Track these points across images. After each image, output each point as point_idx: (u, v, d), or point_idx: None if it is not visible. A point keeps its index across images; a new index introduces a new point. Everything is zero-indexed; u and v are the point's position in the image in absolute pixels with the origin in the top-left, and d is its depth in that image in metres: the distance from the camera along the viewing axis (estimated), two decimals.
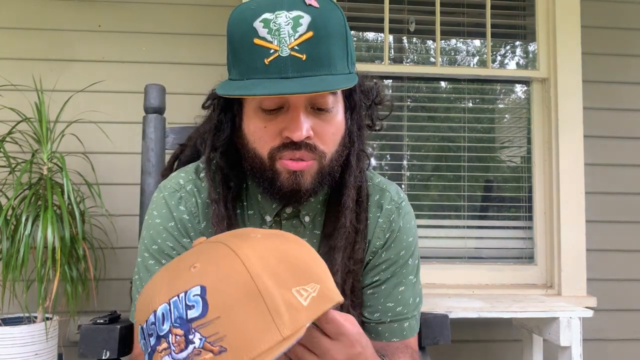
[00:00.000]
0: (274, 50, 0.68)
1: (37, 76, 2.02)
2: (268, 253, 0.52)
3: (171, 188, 0.85)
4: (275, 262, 0.52)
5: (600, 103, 2.20)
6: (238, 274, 0.49)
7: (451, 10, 2.30)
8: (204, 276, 0.49)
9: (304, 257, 0.55)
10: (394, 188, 0.91)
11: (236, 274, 0.49)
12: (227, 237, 0.56)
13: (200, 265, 0.51)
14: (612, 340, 2.16)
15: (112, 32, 2.09)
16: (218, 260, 0.51)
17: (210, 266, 0.50)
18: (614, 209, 2.18)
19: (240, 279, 0.49)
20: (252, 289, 0.48)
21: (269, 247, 0.53)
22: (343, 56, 0.72)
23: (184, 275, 0.51)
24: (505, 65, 2.38)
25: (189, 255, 0.55)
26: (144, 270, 0.82)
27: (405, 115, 2.26)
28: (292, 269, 0.52)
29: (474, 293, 2.06)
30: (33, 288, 1.81)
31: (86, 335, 0.92)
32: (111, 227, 2.01)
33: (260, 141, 0.75)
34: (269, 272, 0.50)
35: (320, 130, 0.74)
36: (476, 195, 2.26)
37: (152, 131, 1.23)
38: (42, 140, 1.83)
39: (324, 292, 0.53)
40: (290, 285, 0.51)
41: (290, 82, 0.67)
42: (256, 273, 0.49)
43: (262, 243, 0.54)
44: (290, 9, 0.69)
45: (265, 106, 0.73)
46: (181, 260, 0.55)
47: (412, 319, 0.88)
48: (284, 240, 0.56)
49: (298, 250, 0.56)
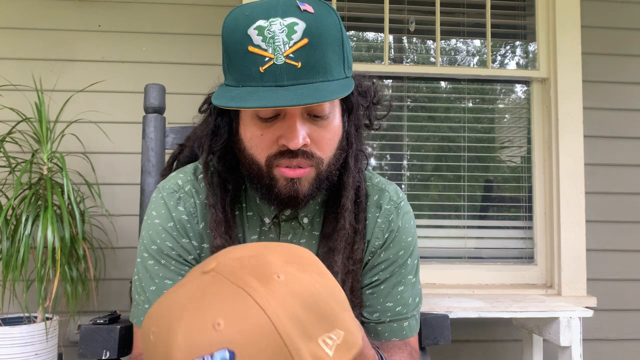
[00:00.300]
0: (268, 58, 0.68)
1: (37, 76, 2.02)
2: (292, 300, 0.49)
3: (170, 188, 0.85)
4: (301, 309, 0.49)
5: (600, 103, 2.20)
6: (267, 335, 0.47)
7: (451, 10, 2.30)
8: (231, 339, 0.46)
9: (327, 294, 0.52)
10: (393, 188, 0.91)
11: (266, 336, 0.47)
12: (247, 280, 0.50)
13: (224, 323, 0.47)
14: (612, 340, 2.16)
15: (112, 32, 2.10)
16: (244, 317, 0.47)
17: (235, 325, 0.47)
18: (614, 209, 2.18)
19: (270, 341, 0.47)
20: (282, 350, 0.47)
21: (293, 291, 0.50)
22: (339, 61, 0.72)
23: (207, 332, 0.47)
24: (505, 65, 2.38)
25: (209, 297, 0.50)
26: (144, 270, 0.82)
27: (405, 115, 2.26)
28: (317, 315, 0.50)
29: (474, 293, 2.06)
30: (33, 288, 1.81)
31: (86, 335, 0.92)
32: (111, 227, 2.01)
33: (257, 148, 0.75)
34: (296, 324, 0.48)
35: (317, 136, 0.74)
36: (476, 195, 2.26)
37: (152, 131, 1.23)
38: (42, 140, 1.83)
39: (348, 340, 0.51)
40: (316, 334, 0.49)
41: (285, 91, 0.67)
42: (285, 331, 0.47)
43: (285, 287, 0.50)
44: (285, 15, 0.69)
45: (262, 114, 0.72)
46: (199, 304, 0.49)
47: (412, 318, 0.88)
48: (305, 275, 0.52)
49: (320, 285, 0.52)
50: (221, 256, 0.54)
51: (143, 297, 0.82)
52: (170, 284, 0.81)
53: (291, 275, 0.51)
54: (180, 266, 0.82)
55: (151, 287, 0.81)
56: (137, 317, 0.82)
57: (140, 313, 0.82)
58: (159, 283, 0.81)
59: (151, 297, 0.81)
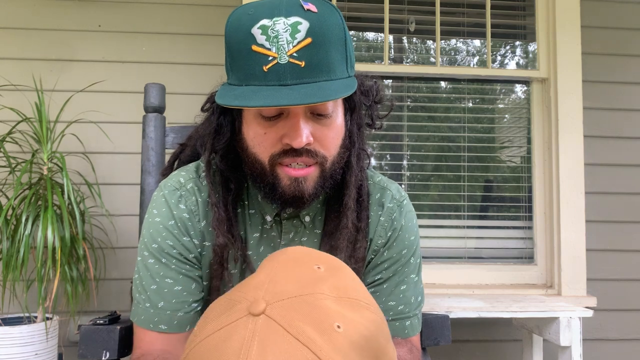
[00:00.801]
0: (272, 57, 0.68)
1: (37, 76, 2.02)
2: (353, 353, 0.46)
3: (171, 186, 0.85)
4: (358, 358, 0.47)
5: (600, 103, 2.20)
6: None
7: (451, 10, 2.31)
8: None
9: (377, 331, 0.50)
10: (395, 187, 0.91)
11: None
12: (304, 329, 0.46)
13: None
14: (612, 340, 2.16)
15: (112, 32, 2.09)
16: None
17: None
18: (614, 209, 2.18)
19: None
20: None
21: (352, 342, 0.47)
22: (342, 60, 0.72)
23: None
24: (505, 65, 2.38)
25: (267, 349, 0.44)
26: (144, 269, 0.82)
27: (405, 115, 2.26)
28: (370, 357, 0.48)
29: (474, 293, 2.06)
30: (33, 288, 1.81)
31: (86, 335, 0.92)
32: (111, 227, 2.01)
33: (260, 147, 0.75)
34: None
35: (320, 135, 0.74)
36: (476, 195, 2.26)
37: (152, 130, 1.23)
38: (42, 140, 1.83)
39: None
40: None
41: (289, 90, 0.67)
42: None
43: (345, 339, 0.46)
44: (289, 14, 0.69)
45: (265, 113, 0.72)
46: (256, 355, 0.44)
47: (414, 317, 0.88)
48: (356, 314, 0.50)
49: (370, 323, 0.50)
50: (269, 295, 0.49)
51: (144, 296, 0.82)
52: (170, 283, 0.81)
53: (348, 321, 0.48)
54: (181, 265, 0.82)
55: (152, 286, 0.81)
56: (137, 316, 0.82)
57: (140, 312, 0.82)
58: (159, 282, 0.81)
59: (152, 296, 0.81)
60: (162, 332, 0.80)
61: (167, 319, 0.80)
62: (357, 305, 0.50)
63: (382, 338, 0.51)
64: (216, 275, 0.82)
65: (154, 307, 0.80)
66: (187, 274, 0.82)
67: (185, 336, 0.82)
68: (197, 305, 0.83)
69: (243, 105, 0.67)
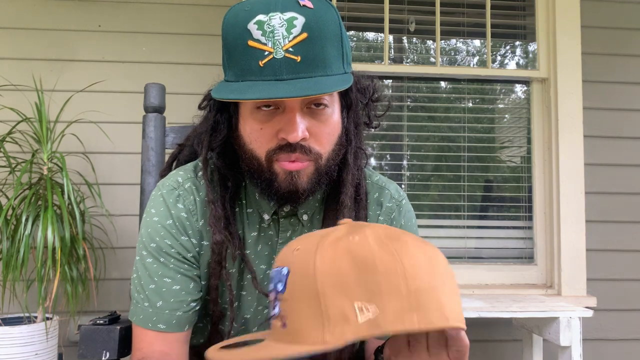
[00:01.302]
0: (268, 52, 0.68)
1: (37, 76, 2.03)
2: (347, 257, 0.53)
3: (169, 186, 0.85)
4: (349, 268, 0.53)
5: (600, 103, 2.20)
6: (308, 273, 0.54)
7: (451, 10, 2.31)
8: (293, 262, 0.56)
9: (385, 270, 0.53)
10: (394, 186, 0.91)
11: (307, 272, 0.54)
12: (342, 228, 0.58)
13: (300, 248, 0.57)
14: (612, 340, 2.16)
15: (112, 32, 2.10)
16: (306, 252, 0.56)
17: (300, 255, 0.56)
18: (614, 209, 2.18)
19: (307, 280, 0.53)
20: (313, 289, 0.53)
21: (352, 251, 0.54)
22: (338, 56, 0.72)
23: (288, 253, 0.58)
24: (505, 65, 2.38)
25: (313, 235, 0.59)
26: (143, 268, 0.82)
27: (405, 115, 2.27)
28: (366, 282, 0.52)
29: (474, 293, 2.06)
30: (33, 288, 1.81)
31: (86, 336, 0.92)
32: (111, 227, 2.01)
33: (256, 142, 0.75)
34: (336, 278, 0.52)
35: (316, 130, 0.74)
36: (476, 195, 2.26)
37: (152, 130, 1.23)
38: (42, 140, 1.83)
39: (379, 320, 0.51)
40: (354, 297, 0.52)
41: (284, 84, 0.67)
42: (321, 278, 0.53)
43: (348, 245, 0.54)
44: (284, 10, 0.69)
45: (261, 106, 0.73)
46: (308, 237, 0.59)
47: None
48: (380, 247, 0.54)
49: (387, 261, 0.53)
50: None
51: (142, 296, 0.81)
52: (169, 282, 0.81)
53: (363, 238, 0.55)
54: (179, 264, 0.82)
55: (150, 286, 0.81)
56: (136, 315, 0.82)
57: (139, 311, 0.82)
58: (158, 281, 0.81)
59: (150, 295, 0.81)
60: (161, 331, 0.80)
61: (165, 319, 0.80)
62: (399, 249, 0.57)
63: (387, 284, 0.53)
64: (214, 274, 0.82)
65: (153, 306, 0.80)
66: (185, 274, 0.82)
67: (184, 336, 0.82)
68: (195, 304, 0.83)
69: (239, 99, 0.67)
